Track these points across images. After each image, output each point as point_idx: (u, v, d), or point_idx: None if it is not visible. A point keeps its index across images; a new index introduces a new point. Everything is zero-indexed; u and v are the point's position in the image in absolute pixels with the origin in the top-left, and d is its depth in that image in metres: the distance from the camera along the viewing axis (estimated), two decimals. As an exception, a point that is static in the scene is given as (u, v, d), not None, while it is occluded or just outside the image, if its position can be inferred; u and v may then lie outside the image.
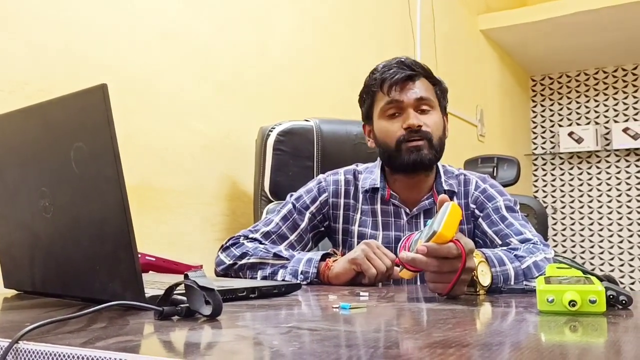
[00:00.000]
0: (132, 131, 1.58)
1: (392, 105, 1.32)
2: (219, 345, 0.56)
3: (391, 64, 1.34)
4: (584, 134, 4.60)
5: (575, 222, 4.70)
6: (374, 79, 1.35)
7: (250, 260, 1.29)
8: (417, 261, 0.93)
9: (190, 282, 0.70)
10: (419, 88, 1.32)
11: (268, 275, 1.26)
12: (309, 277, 1.22)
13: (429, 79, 1.36)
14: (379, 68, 1.36)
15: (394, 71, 1.32)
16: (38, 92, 1.35)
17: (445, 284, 0.92)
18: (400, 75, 1.31)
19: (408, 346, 0.56)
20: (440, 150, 1.35)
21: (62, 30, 1.43)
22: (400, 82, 1.31)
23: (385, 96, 1.33)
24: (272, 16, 2.11)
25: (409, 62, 1.34)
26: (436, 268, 0.92)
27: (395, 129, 1.32)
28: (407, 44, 3.00)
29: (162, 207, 1.64)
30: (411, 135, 1.30)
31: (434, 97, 1.35)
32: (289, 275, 1.24)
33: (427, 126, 1.31)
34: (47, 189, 0.83)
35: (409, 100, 1.31)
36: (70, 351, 0.54)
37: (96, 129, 0.75)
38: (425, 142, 1.30)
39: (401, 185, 1.37)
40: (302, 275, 1.23)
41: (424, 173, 1.35)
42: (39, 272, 0.91)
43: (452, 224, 0.92)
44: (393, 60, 1.35)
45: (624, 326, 0.70)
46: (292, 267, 1.24)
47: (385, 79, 1.32)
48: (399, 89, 1.31)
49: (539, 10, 3.75)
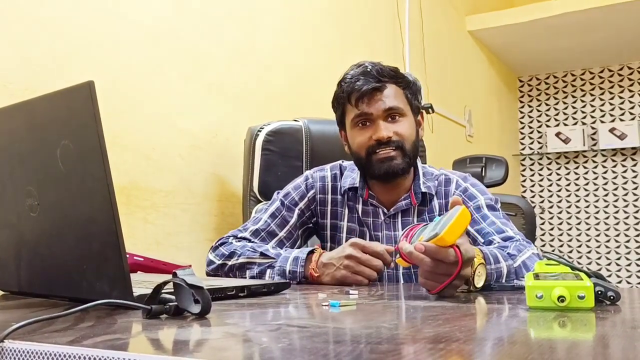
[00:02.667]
0: (119, 131, 1.57)
1: (361, 117, 1.32)
2: (208, 343, 0.56)
3: (357, 75, 1.31)
4: (571, 134, 4.64)
5: (563, 221, 4.74)
6: (342, 91, 1.34)
7: (238, 261, 1.28)
8: (414, 256, 0.93)
9: (179, 280, 0.70)
10: (387, 97, 1.31)
11: (256, 275, 1.26)
12: (296, 276, 1.22)
13: (397, 84, 1.33)
14: (346, 78, 1.33)
15: (361, 83, 1.30)
16: (22, 91, 1.34)
17: (436, 283, 0.92)
18: (366, 87, 1.29)
19: (398, 342, 0.56)
20: (414, 155, 1.35)
21: (47, 29, 1.42)
22: (368, 94, 1.30)
23: (354, 108, 1.32)
24: (260, 16, 2.10)
25: (375, 70, 1.31)
26: (430, 268, 0.92)
27: (365, 139, 1.32)
28: (395, 44, 3.01)
29: (149, 207, 1.63)
30: (381, 146, 1.30)
31: (404, 102, 1.33)
32: (277, 276, 1.24)
33: (397, 135, 1.31)
34: (33, 188, 0.82)
35: (378, 111, 1.30)
36: (57, 349, 0.53)
37: (83, 126, 0.74)
38: (398, 151, 1.30)
39: (378, 187, 1.38)
40: (290, 274, 1.22)
41: (398, 179, 1.34)
42: (25, 272, 0.89)
43: (456, 230, 0.90)
44: (360, 69, 1.32)
45: (612, 321, 0.70)
46: (279, 267, 1.24)
47: (352, 91, 1.31)
48: (366, 101, 1.30)
49: (526, 11, 3.77)
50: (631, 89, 4.62)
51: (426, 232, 0.96)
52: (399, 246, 0.97)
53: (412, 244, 0.94)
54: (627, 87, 4.63)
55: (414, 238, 0.99)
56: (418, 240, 0.94)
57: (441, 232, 0.90)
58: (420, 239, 0.94)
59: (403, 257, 0.96)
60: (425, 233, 0.96)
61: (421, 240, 0.93)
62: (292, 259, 1.24)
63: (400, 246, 0.96)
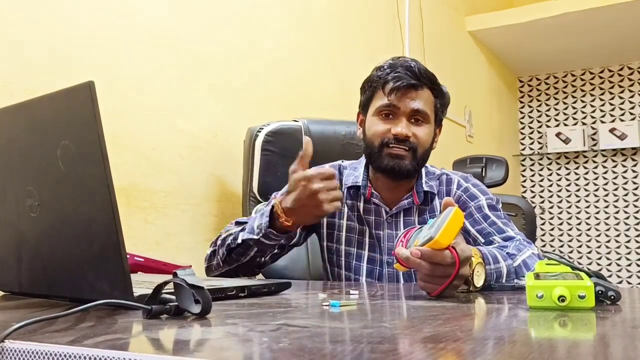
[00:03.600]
0: (119, 131, 1.57)
1: (388, 108, 1.31)
2: (209, 342, 0.56)
3: (398, 66, 1.31)
4: (572, 135, 4.64)
5: (563, 221, 4.73)
6: (378, 77, 1.33)
7: (221, 237, 1.31)
8: (411, 261, 0.93)
9: (179, 280, 0.70)
10: (419, 99, 1.30)
11: (231, 242, 1.26)
12: (262, 228, 1.20)
13: (432, 91, 1.34)
14: (385, 66, 1.33)
15: (399, 76, 1.29)
16: (22, 92, 1.34)
17: (436, 286, 0.92)
18: (403, 82, 1.29)
19: (398, 341, 0.56)
20: (423, 161, 1.35)
21: (46, 29, 1.42)
22: (403, 88, 1.29)
23: (384, 97, 1.31)
24: (260, 17, 2.11)
25: (417, 68, 1.30)
26: (428, 271, 0.92)
27: (384, 130, 1.31)
28: (395, 45, 3.01)
29: (149, 208, 1.63)
30: (397, 142, 1.30)
31: (431, 110, 1.33)
32: (247, 233, 1.23)
33: (415, 137, 1.30)
34: (33, 188, 0.82)
35: (406, 108, 1.30)
36: (57, 349, 0.53)
37: (83, 126, 0.74)
38: (410, 152, 1.30)
39: (382, 184, 1.37)
40: (257, 229, 1.21)
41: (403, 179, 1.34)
42: (25, 272, 0.89)
43: (450, 232, 0.90)
44: (402, 62, 1.32)
45: (612, 321, 0.70)
46: (249, 226, 1.24)
47: (388, 80, 1.30)
48: (399, 95, 1.29)
49: (526, 11, 3.77)
50: (631, 89, 4.62)
51: (421, 235, 0.96)
52: (395, 252, 0.97)
53: (408, 249, 0.94)
54: (627, 87, 4.63)
55: (409, 242, 0.99)
56: (414, 245, 0.94)
57: (436, 235, 0.90)
58: (416, 244, 0.94)
59: (400, 262, 0.96)
60: (421, 237, 0.96)
61: (417, 244, 0.93)
62: (259, 216, 1.23)
63: (397, 252, 0.96)
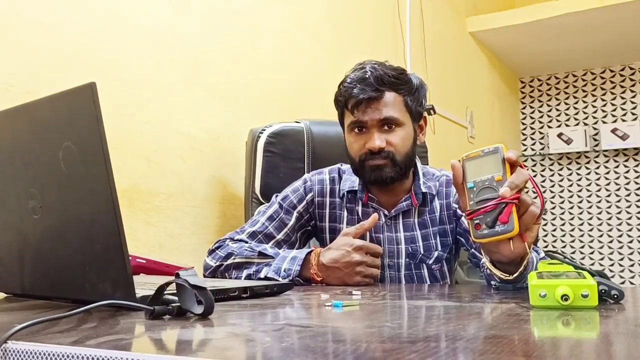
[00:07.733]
0: (121, 133, 1.57)
1: (357, 124, 1.32)
2: (211, 343, 0.56)
3: (356, 80, 1.29)
4: (573, 135, 4.63)
5: (566, 222, 4.73)
6: (341, 95, 1.33)
7: (235, 260, 1.28)
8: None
9: (182, 281, 0.70)
10: (384, 106, 1.29)
11: (252, 273, 1.25)
12: (291, 274, 1.21)
13: (398, 91, 1.31)
14: (345, 82, 1.32)
15: (357, 91, 1.28)
16: (24, 94, 1.34)
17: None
18: (363, 95, 1.27)
19: (401, 340, 0.56)
20: (407, 164, 1.33)
21: (48, 32, 1.42)
22: (364, 103, 1.28)
23: (350, 114, 1.32)
24: (262, 18, 2.11)
25: (374, 76, 1.28)
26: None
27: (359, 146, 1.32)
28: (396, 46, 3.01)
29: (151, 210, 1.64)
30: (372, 155, 1.30)
31: (401, 111, 1.31)
32: (273, 272, 1.23)
33: (390, 145, 1.30)
34: (35, 190, 0.82)
35: (372, 121, 1.29)
36: (60, 350, 0.53)
37: (85, 127, 0.74)
38: (388, 161, 1.30)
39: (377, 190, 1.38)
40: (284, 272, 1.22)
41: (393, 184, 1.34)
42: (28, 274, 0.89)
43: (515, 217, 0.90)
44: (359, 73, 1.30)
45: (615, 320, 0.70)
46: (275, 265, 1.24)
47: (349, 97, 1.30)
48: (362, 108, 1.29)
49: (527, 12, 3.77)
50: (633, 90, 4.61)
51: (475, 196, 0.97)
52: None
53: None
54: (629, 88, 4.63)
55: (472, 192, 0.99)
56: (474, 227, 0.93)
57: (512, 230, 0.89)
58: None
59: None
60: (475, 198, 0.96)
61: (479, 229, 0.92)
62: (290, 258, 1.23)
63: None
